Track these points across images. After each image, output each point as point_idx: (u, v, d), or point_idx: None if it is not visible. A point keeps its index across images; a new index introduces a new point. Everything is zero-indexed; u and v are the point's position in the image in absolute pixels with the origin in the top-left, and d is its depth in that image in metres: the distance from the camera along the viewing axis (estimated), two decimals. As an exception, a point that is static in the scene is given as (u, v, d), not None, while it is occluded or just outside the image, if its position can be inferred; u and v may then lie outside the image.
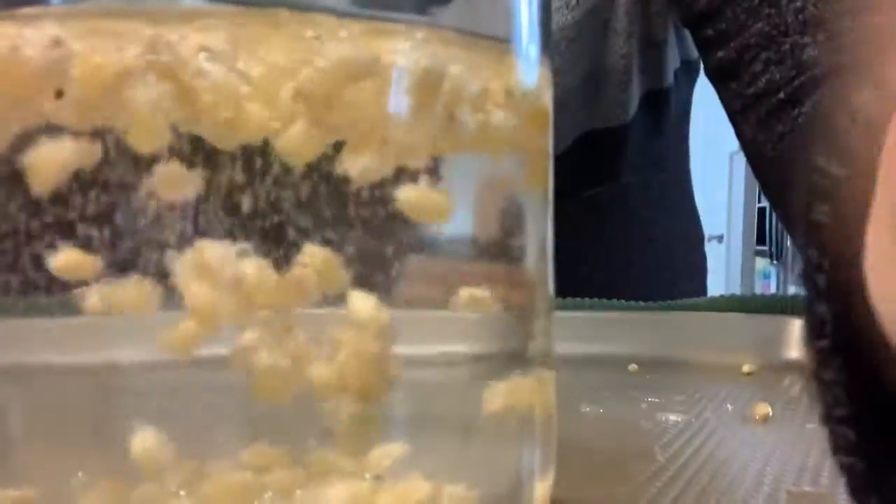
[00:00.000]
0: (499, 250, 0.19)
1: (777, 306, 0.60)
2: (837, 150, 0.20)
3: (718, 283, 3.47)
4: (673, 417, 0.39)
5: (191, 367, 0.18)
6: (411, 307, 0.18)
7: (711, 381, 0.48)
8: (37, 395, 0.19)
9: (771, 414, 0.40)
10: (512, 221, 0.20)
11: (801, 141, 0.44)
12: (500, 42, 0.19)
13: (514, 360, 0.19)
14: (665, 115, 0.76)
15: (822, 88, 0.44)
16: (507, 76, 0.19)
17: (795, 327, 0.55)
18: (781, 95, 0.46)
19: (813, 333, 0.21)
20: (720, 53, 0.51)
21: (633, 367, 0.51)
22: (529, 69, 0.20)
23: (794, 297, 0.62)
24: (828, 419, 0.21)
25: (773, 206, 0.52)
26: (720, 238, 3.35)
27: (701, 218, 0.90)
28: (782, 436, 0.37)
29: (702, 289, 0.92)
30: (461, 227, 0.19)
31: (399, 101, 0.18)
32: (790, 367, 0.52)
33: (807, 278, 0.21)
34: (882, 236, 0.18)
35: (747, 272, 3.40)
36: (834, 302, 0.20)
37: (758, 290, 3.32)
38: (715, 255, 3.53)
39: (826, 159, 0.20)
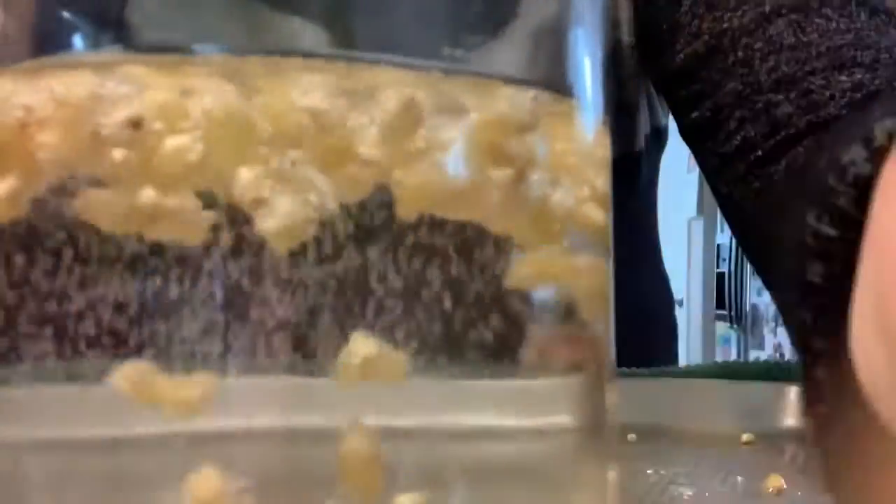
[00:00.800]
0: (571, 315, 0.18)
1: (766, 373, 0.59)
2: (828, 209, 0.19)
3: (679, 347, 3.48)
4: (687, 492, 0.38)
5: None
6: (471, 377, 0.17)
7: (713, 452, 0.47)
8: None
9: (785, 487, 0.38)
10: (582, 283, 0.19)
11: (780, 197, 0.44)
12: (567, 98, 0.18)
13: (589, 432, 0.18)
14: (636, 178, 0.76)
15: (800, 146, 0.44)
16: (573, 136, 0.18)
17: (788, 394, 0.55)
18: (759, 153, 0.46)
19: (811, 398, 0.20)
20: (695, 114, 0.51)
21: (631, 436, 0.50)
22: (593, 129, 0.19)
23: (780, 364, 0.62)
24: (834, 487, 0.20)
25: (753, 264, 0.51)
26: (680, 303, 3.38)
27: (664, 284, 0.90)
28: (800, 510, 0.36)
29: (673, 354, 0.91)
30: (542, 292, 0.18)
31: (462, 159, 0.17)
32: (789, 435, 0.51)
33: (802, 342, 0.20)
34: (866, 304, 0.18)
35: (708, 337, 3.42)
36: (832, 365, 0.19)
37: (718, 355, 3.34)
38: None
39: (818, 219, 0.19)
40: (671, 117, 0.60)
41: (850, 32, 0.45)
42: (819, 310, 0.20)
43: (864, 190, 0.19)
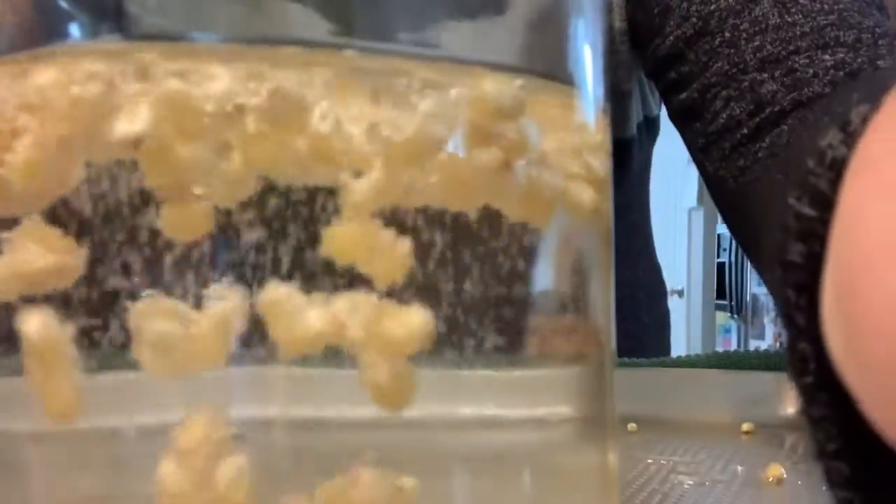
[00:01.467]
0: (572, 304, 0.18)
1: (767, 363, 0.59)
2: (807, 191, 0.20)
3: (679, 337, 3.48)
4: (688, 481, 0.38)
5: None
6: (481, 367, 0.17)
7: (714, 442, 0.47)
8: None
9: (785, 476, 0.38)
10: (580, 275, 0.19)
11: (763, 174, 0.45)
12: (566, 87, 0.18)
13: (591, 421, 0.18)
14: (628, 166, 0.77)
15: (784, 124, 0.45)
16: (572, 125, 0.18)
17: (788, 384, 0.55)
18: (745, 131, 0.47)
19: (797, 371, 0.21)
20: (682, 95, 0.52)
21: (632, 426, 0.50)
22: (593, 119, 0.19)
23: (781, 353, 0.62)
24: (821, 455, 0.21)
25: (738, 241, 0.52)
26: (680, 293, 3.38)
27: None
28: (800, 498, 0.36)
29: (666, 343, 0.92)
30: (542, 280, 0.18)
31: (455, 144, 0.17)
32: (789, 425, 0.51)
33: (786, 317, 0.21)
34: (828, 288, 0.18)
35: (708, 326, 3.42)
36: (814, 339, 0.20)
37: (719, 345, 3.34)
38: (675, 310, 3.56)
39: (798, 200, 0.20)
40: (664, 108, 0.60)
41: (833, 13, 0.46)
42: (800, 287, 0.20)
43: (840, 172, 0.19)
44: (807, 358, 0.20)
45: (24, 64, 0.17)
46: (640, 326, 0.83)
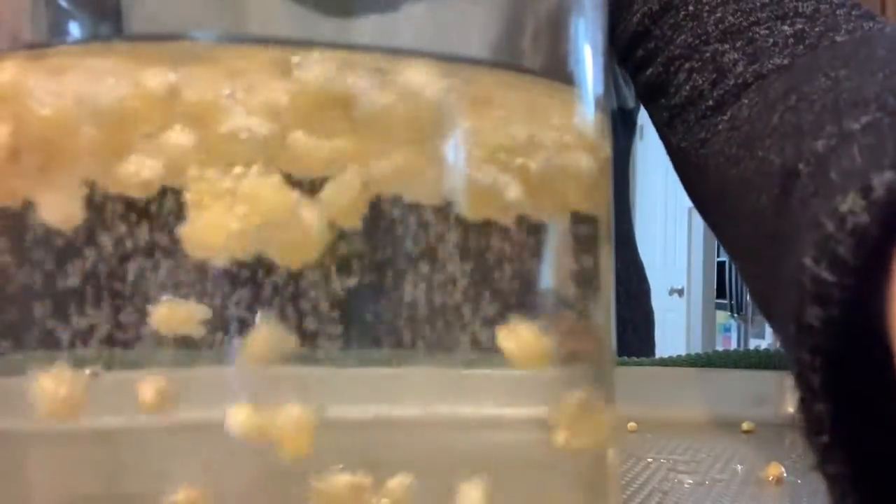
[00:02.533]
0: (572, 304, 0.18)
1: (767, 362, 0.59)
2: (827, 255, 0.20)
3: (679, 336, 3.49)
4: (688, 480, 0.38)
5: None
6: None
7: (714, 441, 0.47)
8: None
9: (785, 475, 0.39)
10: (580, 274, 0.19)
11: (723, 146, 0.45)
12: (566, 85, 0.18)
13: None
14: None
15: (744, 98, 0.45)
16: (571, 123, 0.18)
17: (788, 383, 0.55)
18: (709, 102, 0.47)
19: (812, 431, 0.21)
20: (649, 71, 0.53)
21: (632, 426, 0.50)
22: (593, 117, 0.19)
23: (781, 352, 0.62)
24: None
25: (700, 212, 0.52)
26: (680, 292, 3.38)
27: (661, 272, 0.90)
28: (800, 497, 0.36)
29: (650, 342, 0.92)
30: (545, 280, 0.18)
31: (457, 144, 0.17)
32: (789, 424, 0.51)
33: (800, 379, 0.21)
34: None
35: (708, 326, 3.43)
36: (830, 399, 0.20)
37: (718, 344, 3.34)
38: (676, 309, 3.56)
39: (815, 263, 0.20)
40: (643, 108, 0.60)
41: None
42: (816, 350, 0.20)
43: (861, 238, 0.20)
44: (823, 418, 0.20)
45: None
46: (619, 323, 0.83)
